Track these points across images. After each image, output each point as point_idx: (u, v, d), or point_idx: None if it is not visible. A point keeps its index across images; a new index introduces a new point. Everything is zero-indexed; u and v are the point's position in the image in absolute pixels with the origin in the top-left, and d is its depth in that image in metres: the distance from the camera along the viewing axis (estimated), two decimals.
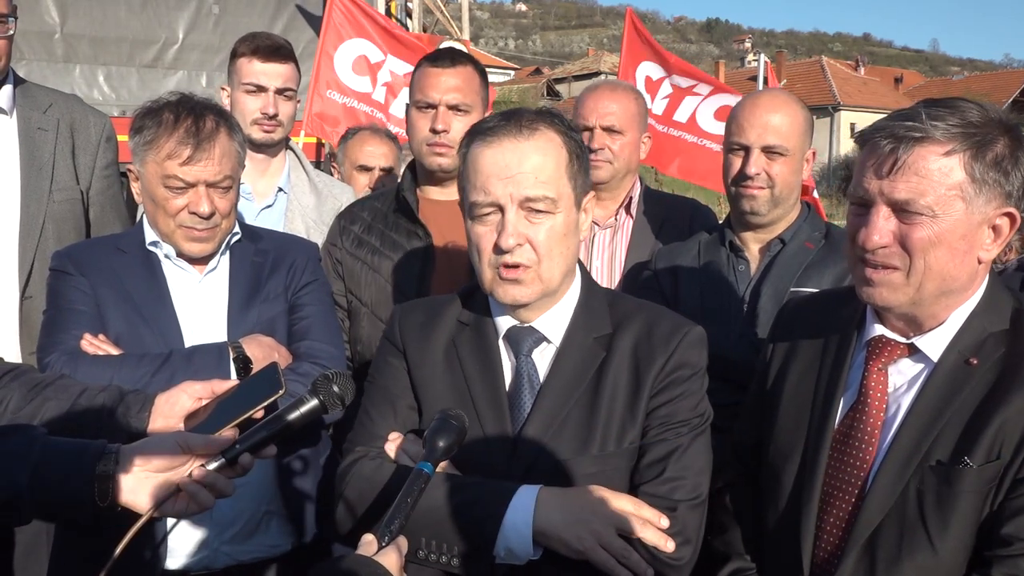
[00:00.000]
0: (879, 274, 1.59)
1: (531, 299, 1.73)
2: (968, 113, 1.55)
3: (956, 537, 1.53)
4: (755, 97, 2.68)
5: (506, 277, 1.70)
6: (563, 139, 1.73)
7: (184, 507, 1.62)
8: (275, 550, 2.29)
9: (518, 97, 43.58)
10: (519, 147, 1.69)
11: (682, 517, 1.66)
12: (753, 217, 2.62)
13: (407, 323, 1.88)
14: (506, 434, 1.73)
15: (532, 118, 1.73)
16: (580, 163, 1.76)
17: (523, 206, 1.68)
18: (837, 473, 1.68)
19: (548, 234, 1.69)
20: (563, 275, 1.75)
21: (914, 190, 1.53)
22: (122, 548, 1.49)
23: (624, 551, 1.60)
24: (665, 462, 1.69)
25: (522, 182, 1.67)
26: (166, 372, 2.07)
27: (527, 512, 1.61)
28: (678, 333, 1.76)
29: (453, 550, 1.62)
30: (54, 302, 2.22)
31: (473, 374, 1.78)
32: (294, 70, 3.17)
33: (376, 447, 1.79)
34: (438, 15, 12.66)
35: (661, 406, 1.72)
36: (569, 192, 1.73)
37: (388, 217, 2.78)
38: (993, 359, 1.58)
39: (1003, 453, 1.51)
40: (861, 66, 58.73)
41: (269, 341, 2.25)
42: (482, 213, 1.71)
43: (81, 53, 7.30)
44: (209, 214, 2.17)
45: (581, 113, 3.10)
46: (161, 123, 2.13)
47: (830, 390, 1.75)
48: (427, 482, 1.46)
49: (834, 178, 36.75)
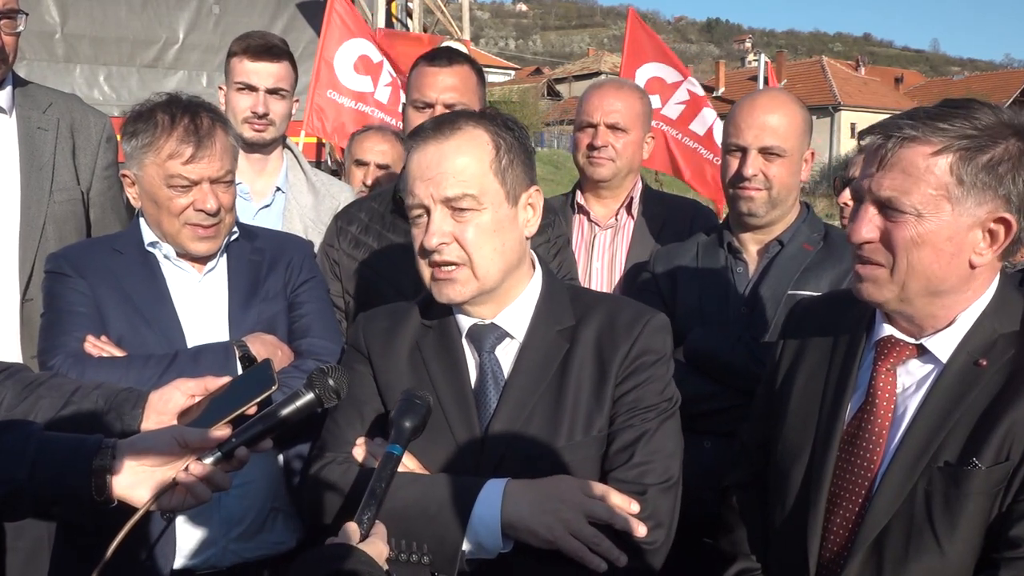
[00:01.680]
0: (866, 270, 1.61)
1: (466, 297, 1.73)
2: (977, 115, 1.53)
3: (964, 539, 1.52)
4: (753, 98, 2.66)
5: (439, 277, 1.72)
6: (490, 135, 1.73)
7: (181, 501, 1.62)
8: (281, 547, 2.28)
9: (518, 97, 43.61)
10: (440, 148, 1.71)
11: (653, 500, 1.66)
12: (751, 218, 2.61)
13: (370, 329, 1.90)
14: (474, 431, 1.74)
15: (456, 118, 1.75)
16: (512, 157, 1.75)
17: (447, 205, 1.70)
18: (845, 474, 1.67)
19: (476, 231, 1.70)
20: (502, 271, 1.74)
21: (899, 188, 1.53)
22: (119, 541, 1.49)
23: (595, 538, 1.61)
24: (633, 447, 1.70)
25: (441, 182, 1.69)
26: (173, 372, 2.06)
27: (494, 505, 1.62)
28: (640, 320, 1.77)
29: (423, 548, 1.63)
30: (52, 305, 2.21)
31: (438, 374, 1.79)
32: (287, 69, 3.16)
33: (344, 452, 1.81)
34: (438, 15, 12.66)
35: (627, 392, 1.73)
36: (496, 188, 1.72)
37: (385, 218, 2.77)
38: (1003, 360, 1.57)
39: (1012, 455, 1.50)
40: (861, 66, 58.77)
41: (272, 339, 2.25)
42: (413, 215, 1.74)
43: (82, 53, 7.30)
44: (216, 210, 2.17)
45: (585, 110, 3.09)
46: (157, 124, 2.13)
47: (839, 390, 1.74)
48: (397, 463, 1.47)
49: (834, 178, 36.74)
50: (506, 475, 1.68)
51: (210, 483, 1.62)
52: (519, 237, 1.78)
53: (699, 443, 2.38)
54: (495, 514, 1.62)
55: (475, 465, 1.71)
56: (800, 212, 2.68)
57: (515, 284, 1.80)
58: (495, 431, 1.72)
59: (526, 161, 1.79)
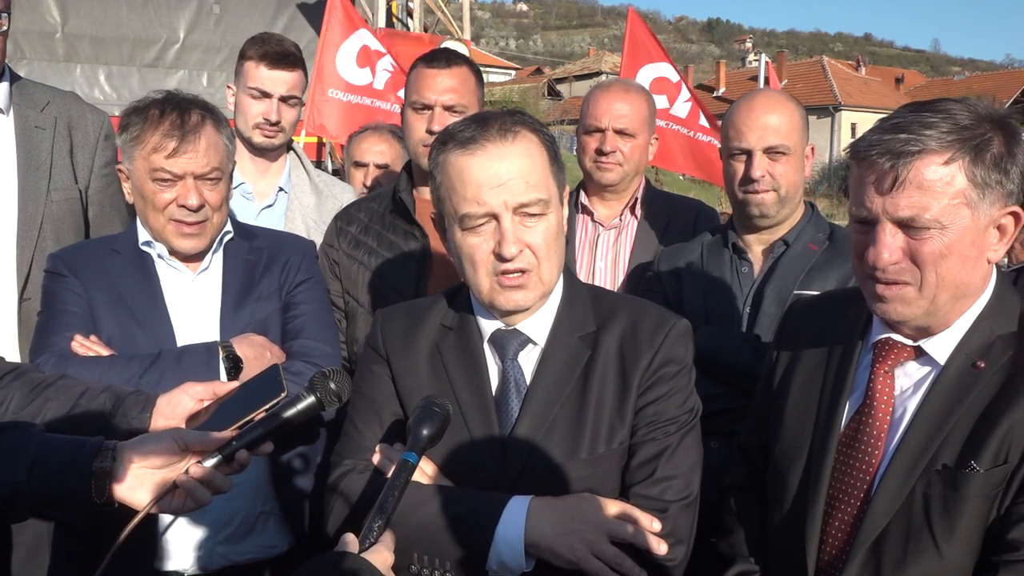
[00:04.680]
0: (891, 290, 1.57)
1: (533, 302, 1.72)
2: (957, 115, 1.52)
3: (962, 542, 1.51)
4: (749, 100, 2.66)
5: (508, 284, 1.68)
6: (540, 139, 1.73)
7: (181, 504, 1.62)
8: (271, 551, 2.28)
9: (519, 97, 43.60)
10: (505, 153, 1.67)
11: (673, 518, 1.66)
12: (762, 220, 2.61)
13: (389, 329, 1.87)
14: (495, 440, 1.72)
15: (509, 121, 1.71)
16: (557, 159, 1.76)
17: (517, 212, 1.67)
18: (843, 476, 1.67)
19: (544, 236, 1.69)
20: (559, 274, 1.76)
21: (917, 205, 1.50)
22: (119, 543, 1.50)
23: (617, 558, 1.60)
24: (655, 462, 1.69)
25: (515, 188, 1.66)
26: (155, 372, 2.07)
27: (518, 525, 1.61)
28: (663, 328, 1.75)
29: (446, 565, 1.62)
30: (47, 304, 2.23)
31: (459, 380, 1.77)
32: (301, 77, 3.17)
33: (364, 459, 1.79)
34: (439, 15, 12.66)
35: (649, 404, 1.72)
36: (556, 191, 1.73)
37: (385, 218, 2.77)
38: (1001, 362, 1.57)
39: (1010, 457, 1.49)
40: (862, 66, 58.73)
41: (261, 340, 2.24)
42: (476, 224, 1.68)
43: (82, 53, 7.31)
44: (198, 206, 2.16)
45: (592, 113, 3.06)
46: (147, 119, 2.14)
47: (836, 392, 1.73)
48: (412, 472, 1.46)
49: (835, 178, 36.75)
50: (527, 485, 1.67)
51: (210, 486, 1.62)
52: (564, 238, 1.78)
53: (706, 444, 2.38)
54: (519, 534, 1.60)
55: (496, 474, 1.70)
56: (805, 212, 2.68)
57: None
58: (516, 440, 1.70)
59: (561, 160, 1.80)
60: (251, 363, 2.15)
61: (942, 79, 67.05)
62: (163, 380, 2.03)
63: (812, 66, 51.05)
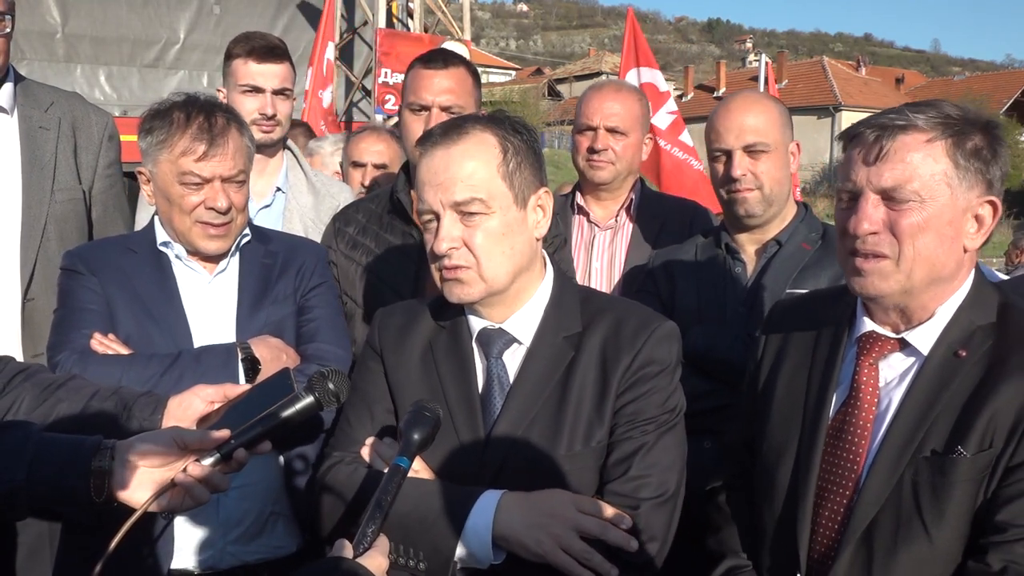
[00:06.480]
0: (869, 263, 1.62)
1: (475, 298, 1.74)
2: (947, 109, 1.61)
3: (951, 526, 1.55)
4: (727, 102, 2.68)
5: (447, 277, 1.73)
6: (497, 139, 1.73)
7: (179, 502, 1.62)
8: (280, 551, 2.28)
9: (519, 97, 43.60)
10: (448, 153, 1.71)
11: (646, 515, 1.67)
12: (749, 219, 2.62)
13: (385, 327, 1.91)
14: (478, 436, 1.75)
15: (464, 122, 1.75)
16: (520, 160, 1.75)
17: (456, 210, 1.70)
18: (832, 468, 1.70)
19: (484, 235, 1.70)
20: (511, 274, 1.75)
21: (900, 176, 1.57)
22: (117, 542, 1.50)
23: (586, 553, 1.61)
24: (630, 460, 1.70)
25: (450, 187, 1.69)
26: (175, 372, 2.08)
27: (487, 517, 1.63)
28: (646, 329, 1.76)
29: (419, 555, 1.64)
30: (65, 301, 2.23)
31: (447, 376, 1.80)
32: (289, 69, 3.18)
33: (353, 452, 1.82)
34: (439, 15, 12.65)
35: (628, 404, 1.73)
36: (504, 191, 1.72)
37: (383, 219, 2.77)
38: (981, 351, 1.61)
39: (995, 442, 1.53)
40: (862, 66, 58.61)
41: (277, 343, 2.26)
42: (424, 220, 1.75)
43: (82, 53, 7.32)
44: (227, 208, 2.19)
45: (584, 112, 3.09)
46: (173, 122, 2.15)
47: (823, 386, 1.76)
48: (404, 476, 1.47)
49: (834, 178, 36.70)
50: (507, 480, 1.69)
51: (208, 484, 1.62)
52: (529, 239, 1.78)
53: (699, 443, 2.40)
54: (488, 525, 1.63)
55: (477, 469, 1.73)
56: (798, 212, 2.69)
57: (525, 286, 1.80)
58: (497, 436, 1.73)
59: (535, 163, 1.79)
60: (267, 364, 2.16)
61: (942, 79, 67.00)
62: (183, 380, 2.04)
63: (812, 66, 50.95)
